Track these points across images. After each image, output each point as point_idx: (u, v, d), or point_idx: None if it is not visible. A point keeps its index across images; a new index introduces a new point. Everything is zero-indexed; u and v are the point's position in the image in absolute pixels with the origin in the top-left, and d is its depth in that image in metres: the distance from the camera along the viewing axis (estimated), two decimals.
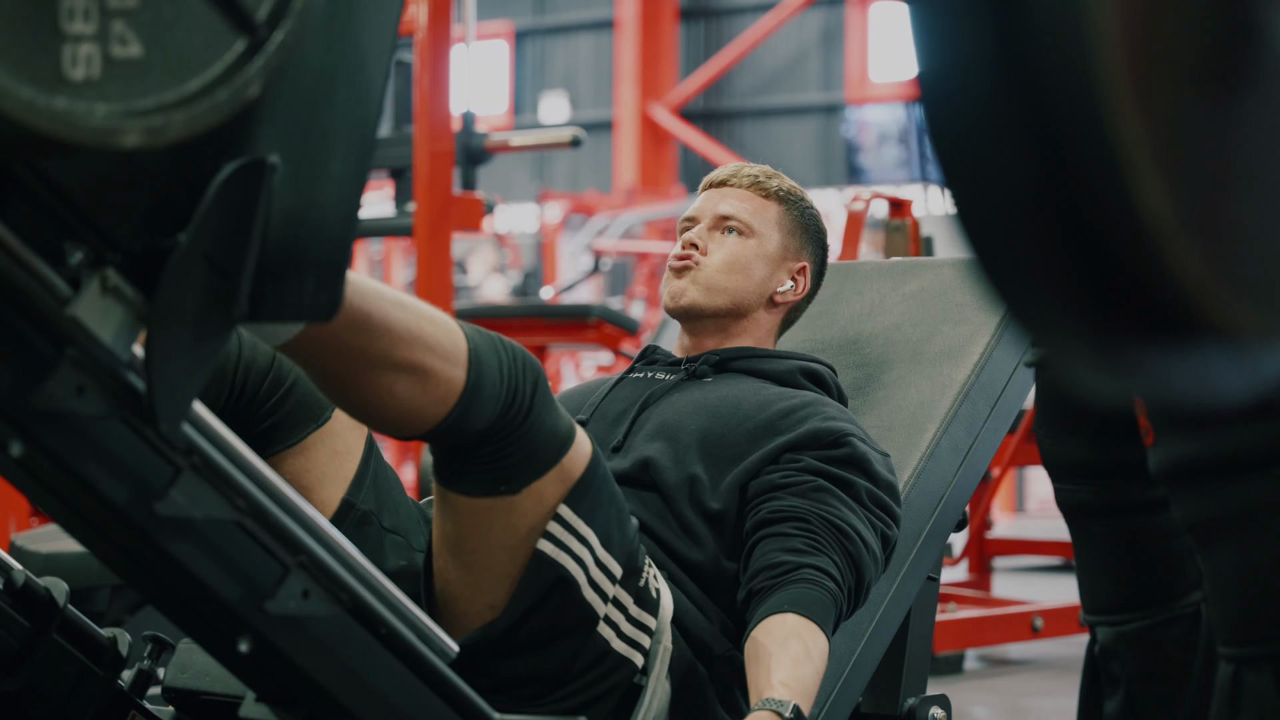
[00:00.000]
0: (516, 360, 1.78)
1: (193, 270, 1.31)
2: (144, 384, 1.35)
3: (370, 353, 1.65)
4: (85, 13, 1.12)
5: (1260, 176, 0.79)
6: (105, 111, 1.13)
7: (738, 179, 2.43)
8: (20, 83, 1.08)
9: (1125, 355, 0.79)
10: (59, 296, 1.30)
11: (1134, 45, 0.73)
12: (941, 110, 0.76)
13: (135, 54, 1.15)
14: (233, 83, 1.20)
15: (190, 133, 1.17)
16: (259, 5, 1.22)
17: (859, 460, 2.18)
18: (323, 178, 1.38)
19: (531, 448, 1.81)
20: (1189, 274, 0.75)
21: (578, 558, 1.88)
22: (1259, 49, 0.78)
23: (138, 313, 1.33)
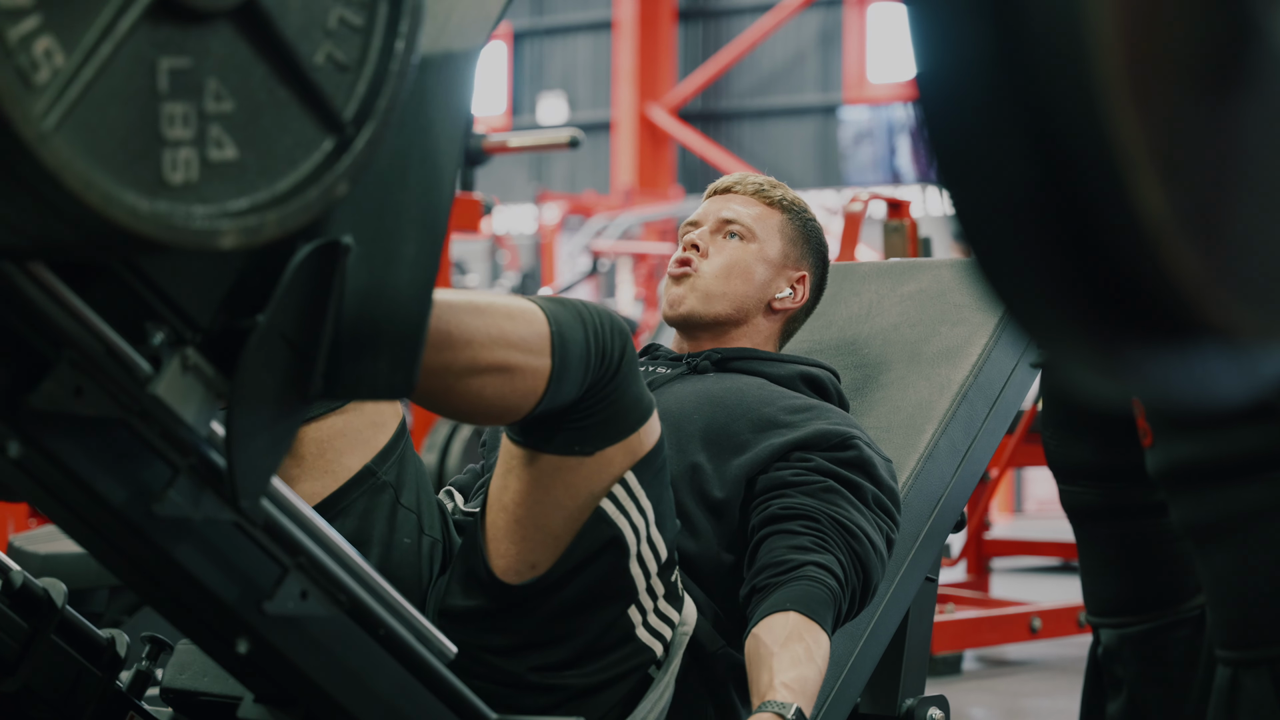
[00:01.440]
0: (604, 327, 1.81)
1: (271, 350, 1.34)
2: (225, 461, 1.38)
3: (455, 366, 1.69)
4: (185, 118, 1.15)
5: (1258, 177, 0.79)
6: (204, 213, 1.16)
7: (742, 185, 2.45)
8: (124, 189, 1.11)
9: (1123, 356, 0.79)
10: (140, 375, 1.33)
11: (1132, 46, 0.73)
12: (940, 111, 0.76)
13: (231, 156, 1.18)
14: (322, 181, 1.23)
15: (283, 232, 1.21)
16: (346, 105, 1.25)
17: (865, 464, 2.19)
18: (396, 259, 1.41)
19: (613, 412, 1.85)
20: (1187, 275, 0.75)
21: (634, 526, 1.91)
22: (1256, 50, 0.78)
23: (217, 390, 1.36)
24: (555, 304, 1.80)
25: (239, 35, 1.18)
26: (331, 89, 1.24)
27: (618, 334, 1.82)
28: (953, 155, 0.76)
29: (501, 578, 1.90)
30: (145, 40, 1.12)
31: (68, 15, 1.08)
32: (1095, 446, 2.41)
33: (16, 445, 1.34)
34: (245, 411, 1.35)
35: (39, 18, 1.06)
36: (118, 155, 1.11)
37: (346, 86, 1.25)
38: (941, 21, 0.75)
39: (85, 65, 1.09)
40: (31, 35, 1.06)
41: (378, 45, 1.27)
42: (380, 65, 1.27)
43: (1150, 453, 1.66)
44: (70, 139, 1.08)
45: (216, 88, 1.17)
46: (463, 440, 5.01)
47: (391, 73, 1.27)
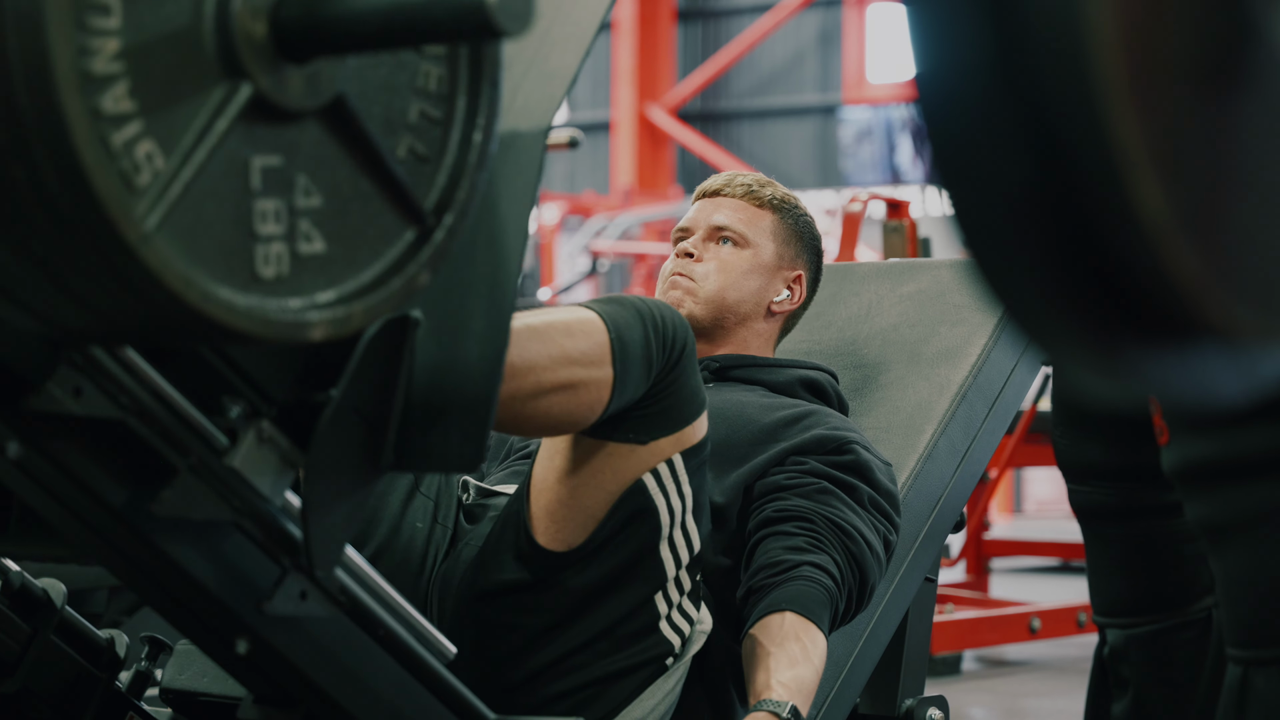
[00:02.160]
0: (663, 320, 1.85)
1: (343, 423, 1.38)
2: (300, 532, 1.42)
3: (520, 394, 1.73)
4: (276, 214, 1.18)
5: (1258, 177, 0.79)
6: (295, 306, 1.19)
7: (731, 188, 2.43)
8: (219, 285, 1.13)
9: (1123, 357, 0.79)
10: (217, 447, 1.37)
11: (1131, 46, 0.73)
12: (939, 111, 0.76)
13: (319, 249, 1.21)
14: (405, 271, 1.26)
15: (369, 322, 1.24)
16: (426, 196, 1.28)
17: (862, 467, 2.19)
18: (464, 334, 1.45)
19: (671, 403, 1.89)
20: (1186, 275, 0.75)
21: (671, 508, 1.94)
22: (1256, 50, 0.78)
23: (290, 461, 1.40)
24: (613, 306, 1.84)
25: (327, 132, 1.21)
26: (413, 181, 1.27)
27: (679, 327, 1.86)
28: (952, 155, 0.76)
29: (545, 546, 1.93)
30: (239, 140, 1.15)
31: (168, 119, 1.11)
32: (1106, 446, 2.41)
33: (16, 446, 1.34)
34: (320, 483, 1.39)
35: (141, 123, 1.09)
36: (214, 253, 1.14)
37: (427, 178, 1.29)
38: (940, 21, 0.75)
39: (184, 167, 1.12)
40: (134, 140, 1.09)
41: (456, 137, 1.30)
42: (459, 157, 1.30)
43: (1167, 450, 1.66)
44: (170, 239, 1.11)
45: (306, 183, 1.20)
46: None
47: (470, 164, 1.30)
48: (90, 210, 1.05)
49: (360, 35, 1.16)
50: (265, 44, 1.15)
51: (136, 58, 1.09)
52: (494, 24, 1.12)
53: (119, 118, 1.08)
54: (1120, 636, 2.38)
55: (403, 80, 1.26)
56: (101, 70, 1.07)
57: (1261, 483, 1.60)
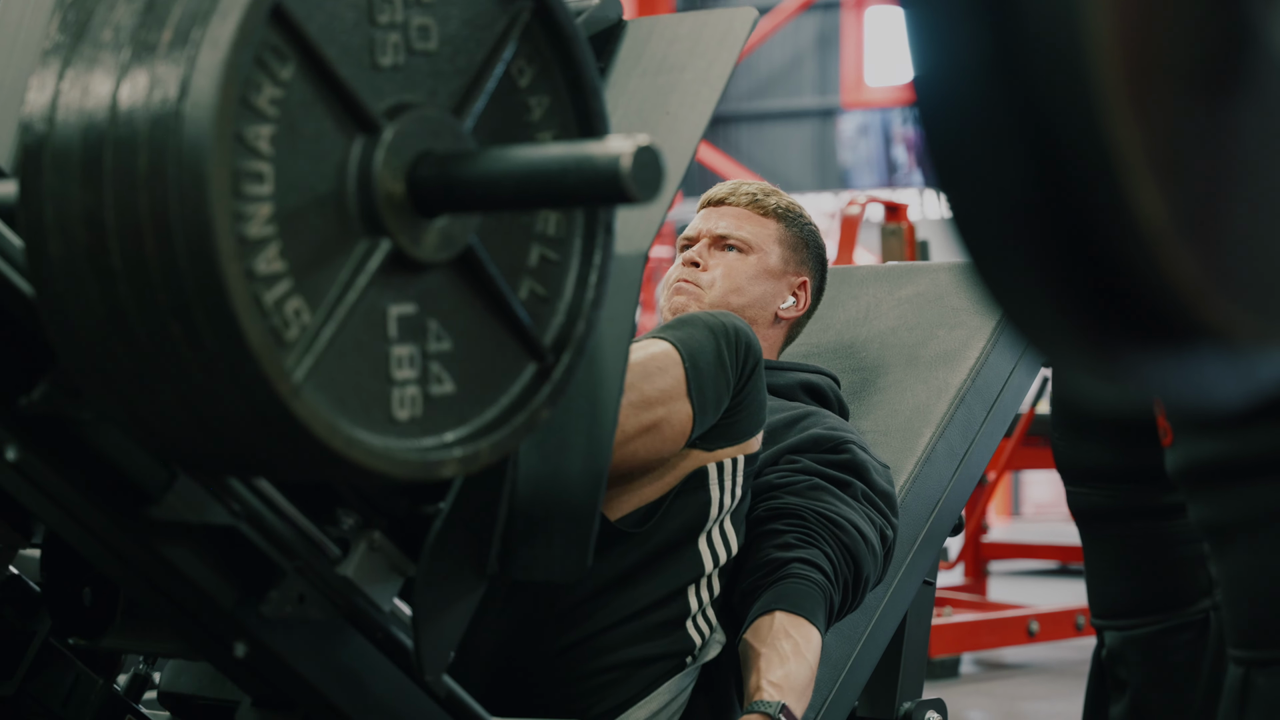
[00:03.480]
0: (739, 339, 1.93)
1: (451, 535, 1.43)
2: (411, 639, 1.48)
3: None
4: (410, 360, 1.23)
5: (1256, 181, 0.80)
6: (428, 445, 1.24)
7: (736, 197, 2.44)
8: (359, 429, 1.18)
9: (1121, 360, 0.79)
10: (331, 556, 1.43)
11: (1129, 49, 0.73)
12: (937, 115, 0.76)
13: (449, 391, 1.26)
14: (528, 407, 1.30)
15: (495, 459, 1.28)
16: (545, 334, 1.32)
17: (858, 466, 2.19)
18: (566, 448, 1.50)
19: (741, 417, 1.97)
20: (1185, 279, 0.75)
21: (721, 503, 2.01)
22: (1254, 54, 0.78)
23: (400, 569, 1.46)
24: (685, 329, 1.91)
25: (457, 280, 1.26)
26: (534, 321, 1.31)
27: (751, 343, 1.94)
28: (950, 158, 0.76)
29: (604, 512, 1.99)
30: (378, 292, 1.20)
31: (314, 276, 1.16)
32: (1104, 448, 2.41)
33: (14, 449, 1.34)
34: (429, 592, 1.44)
35: (290, 281, 1.14)
36: (355, 399, 1.19)
37: (546, 317, 1.33)
38: (938, 25, 0.75)
39: (329, 321, 1.17)
40: (284, 297, 1.14)
41: (573, 277, 1.35)
42: (576, 296, 1.35)
43: (1171, 452, 1.66)
44: (316, 389, 1.15)
45: (437, 328, 1.25)
46: None
47: (586, 302, 1.35)
48: (245, 365, 1.10)
49: (496, 198, 1.21)
50: (404, 203, 1.20)
51: (287, 221, 1.14)
52: (628, 193, 1.14)
53: (271, 277, 1.13)
54: (1118, 638, 2.38)
55: (523, 226, 1.32)
56: (256, 234, 1.12)
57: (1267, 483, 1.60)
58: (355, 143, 1.18)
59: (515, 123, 1.30)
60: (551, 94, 1.32)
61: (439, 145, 1.22)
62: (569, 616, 1.97)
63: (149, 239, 1.09)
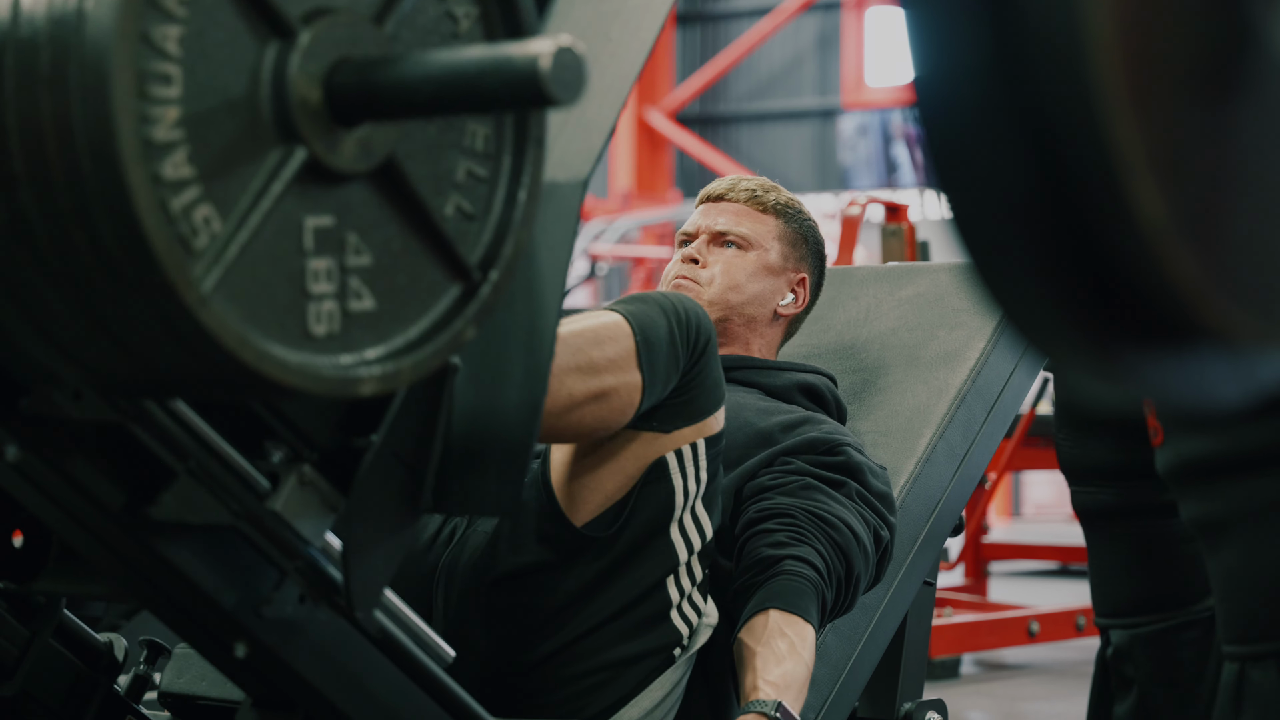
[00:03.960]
0: (689, 317, 1.89)
1: (384, 468, 1.41)
2: (341, 574, 1.45)
3: (553, 409, 1.76)
4: (328, 274, 1.20)
5: (1256, 182, 0.80)
6: (345, 363, 1.21)
7: (735, 193, 2.44)
8: (273, 343, 1.16)
9: (1122, 361, 0.79)
10: (259, 491, 1.40)
11: (1130, 50, 0.73)
12: (937, 115, 0.76)
13: (369, 307, 1.23)
14: (452, 327, 1.28)
15: (416, 377, 1.25)
16: (472, 252, 1.30)
17: (853, 468, 2.19)
18: (503, 379, 1.48)
19: (696, 394, 1.93)
20: (1185, 279, 0.75)
21: (686, 490, 1.97)
22: (1255, 54, 0.78)
23: (331, 504, 1.43)
24: (637, 305, 1.88)
25: (377, 192, 1.23)
26: (459, 238, 1.29)
27: (702, 320, 1.90)
28: (950, 159, 0.76)
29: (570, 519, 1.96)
30: (293, 202, 1.17)
31: (225, 184, 1.13)
32: (1109, 447, 2.41)
33: (15, 449, 1.34)
34: (361, 526, 1.41)
35: (199, 188, 1.11)
36: (268, 312, 1.16)
37: (473, 235, 1.30)
38: (939, 25, 0.75)
39: (240, 229, 1.14)
40: (193, 204, 1.11)
41: (502, 195, 1.32)
42: (504, 214, 1.32)
43: (1161, 451, 1.67)
44: (226, 300, 1.12)
45: (356, 242, 1.22)
46: None
47: (515, 221, 1.32)
48: (150, 273, 1.08)
49: (413, 103, 1.19)
50: (320, 110, 1.17)
51: (196, 125, 1.11)
52: (548, 94, 1.12)
53: (178, 183, 1.10)
54: (1125, 636, 2.39)
55: (450, 140, 1.28)
56: (163, 138, 1.09)
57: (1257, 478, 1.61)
58: (269, 47, 1.15)
59: (441, 33, 1.26)
60: (479, 3, 1.28)
61: (358, 52, 1.19)
62: (549, 624, 1.95)
63: (51, 142, 1.06)
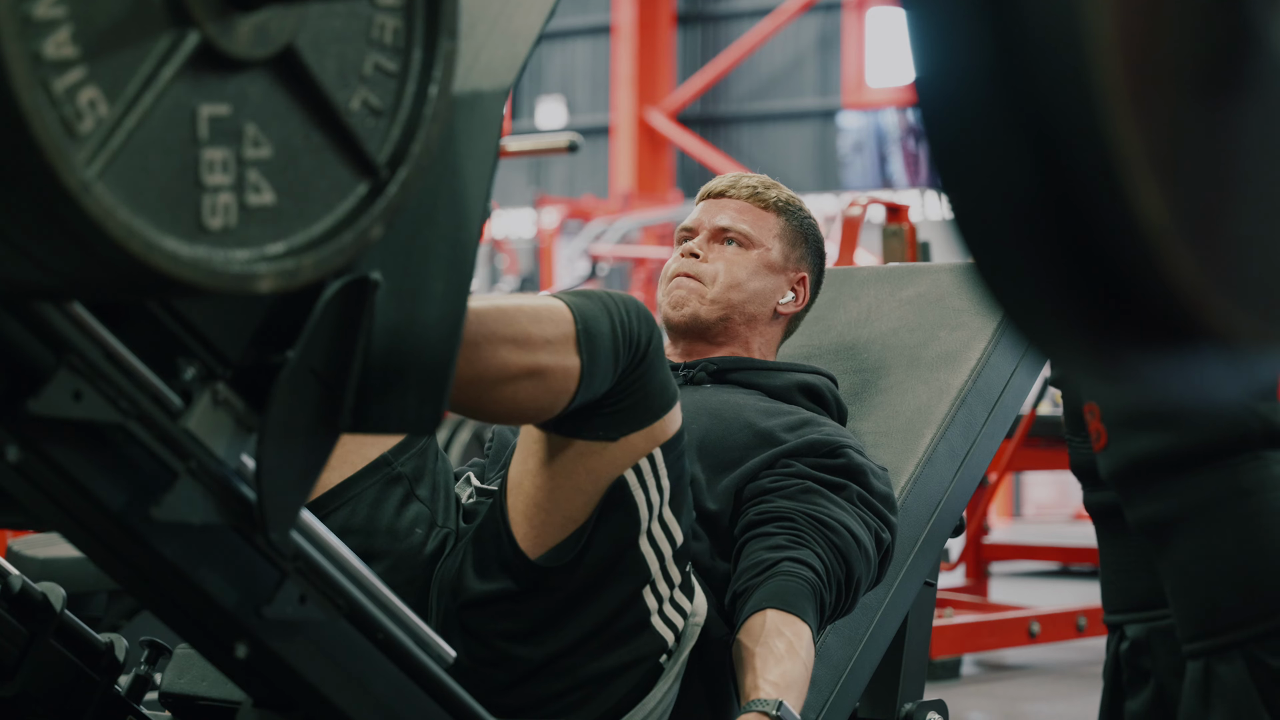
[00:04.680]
0: (631, 314, 1.82)
1: (300, 385, 1.37)
2: (254, 493, 1.40)
3: (487, 376, 1.70)
4: (224, 164, 1.17)
5: (1257, 182, 0.80)
6: (242, 258, 1.18)
7: (736, 189, 2.43)
8: (164, 235, 1.12)
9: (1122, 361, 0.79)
10: (172, 409, 1.35)
11: (1131, 51, 0.73)
12: (938, 116, 0.76)
13: (268, 201, 1.20)
14: (357, 225, 1.24)
15: (318, 275, 1.23)
16: (380, 149, 1.26)
17: (854, 470, 2.18)
18: (424, 295, 1.43)
19: (640, 398, 1.86)
20: (1186, 280, 0.75)
21: (649, 502, 1.92)
22: (1256, 55, 0.78)
23: (246, 424, 1.39)
24: (580, 297, 1.81)
25: (277, 83, 1.20)
26: (366, 134, 1.26)
27: (645, 321, 1.83)
28: (951, 159, 0.76)
29: (528, 553, 1.91)
30: (186, 89, 1.14)
31: (112, 66, 1.10)
32: None
33: (15, 450, 1.34)
34: (275, 445, 1.37)
35: (85, 69, 1.08)
36: (158, 202, 1.13)
37: (381, 131, 1.27)
38: (940, 26, 0.75)
39: (128, 114, 1.11)
40: (76, 86, 1.07)
41: (412, 91, 1.29)
42: (414, 110, 1.29)
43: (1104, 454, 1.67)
44: (112, 187, 1.09)
45: (255, 134, 1.19)
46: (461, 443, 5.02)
47: (425, 117, 1.29)
48: (30, 157, 1.04)
49: None
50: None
51: (80, 2, 1.07)
52: None
53: (61, 63, 1.06)
54: (1142, 630, 2.39)
55: (357, 31, 1.24)
56: (43, 15, 1.05)
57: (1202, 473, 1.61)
58: None
59: None
60: None
61: None
62: (522, 646, 1.92)
63: None
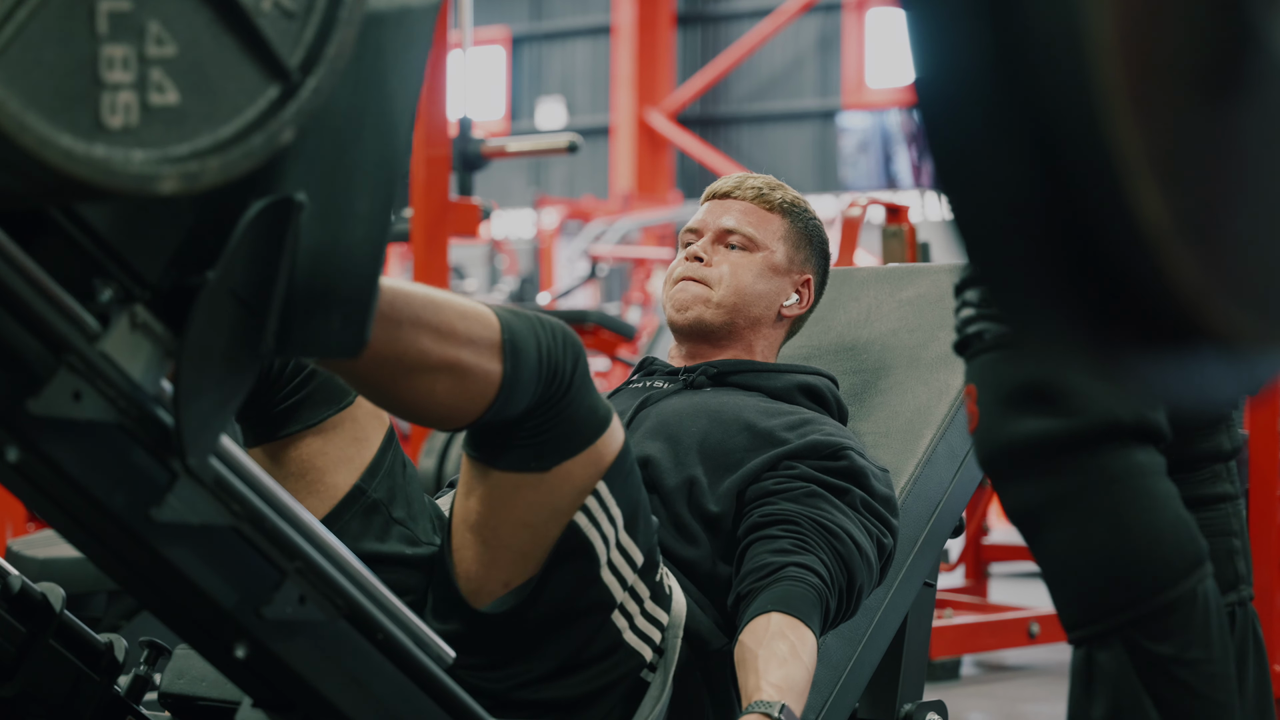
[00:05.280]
0: (557, 339, 1.77)
1: (221, 307, 1.33)
2: (172, 419, 1.37)
3: (407, 358, 1.65)
4: (124, 62, 1.14)
5: (1256, 184, 0.80)
6: (142, 159, 1.14)
7: (741, 191, 2.42)
8: (59, 131, 1.10)
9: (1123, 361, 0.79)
10: (89, 332, 1.32)
11: (1131, 53, 0.73)
12: (939, 117, 0.76)
13: (172, 101, 1.17)
14: (267, 129, 1.22)
15: (225, 179, 1.19)
16: (292, 52, 1.24)
17: (856, 473, 2.18)
18: (349, 216, 1.40)
19: (568, 427, 1.80)
20: (1186, 281, 0.76)
21: (604, 535, 1.87)
22: (1255, 57, 0.78)
23: (166, 348, 1.35)
24: (510, 313, 1.76)
25: None
26: (277, 36, 1.23)
27: (570, 348, 1.78)
28: (952, 161, 0.76)
29: (471, 602, 1.87)
30: None
31: None
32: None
33: (15, 450, 1.34)
34: (193, 369, 1.33)
35: None
36: (54, 98, 1.10)
37: (293, 34, 1.24)
38: (941, 27, 0.75)
39: (20, 6, 1.08)
40: None
41: None
42: (328, 12, 1.26)
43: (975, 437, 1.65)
44: (4, 80, 1.07)
45: (158, 31, 1.16)
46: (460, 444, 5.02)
47: (340, 20, 1.26)
48: None
49: None
50: None
51: None
52: None
53: None
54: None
55: None
56: None
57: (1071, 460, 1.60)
58: None
59: None
60: None
61: None
62: (490, 679, 1.90)
63: None
